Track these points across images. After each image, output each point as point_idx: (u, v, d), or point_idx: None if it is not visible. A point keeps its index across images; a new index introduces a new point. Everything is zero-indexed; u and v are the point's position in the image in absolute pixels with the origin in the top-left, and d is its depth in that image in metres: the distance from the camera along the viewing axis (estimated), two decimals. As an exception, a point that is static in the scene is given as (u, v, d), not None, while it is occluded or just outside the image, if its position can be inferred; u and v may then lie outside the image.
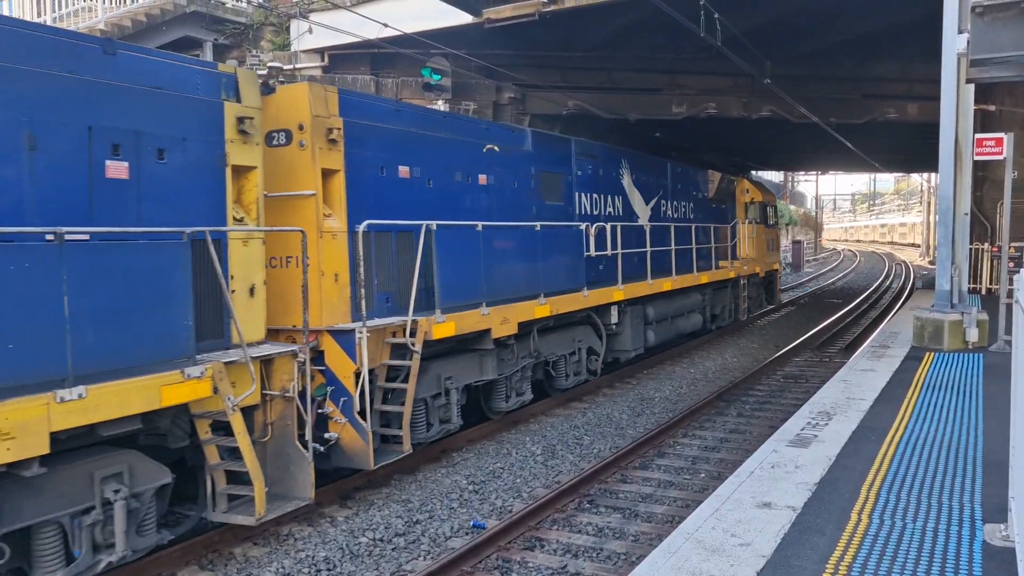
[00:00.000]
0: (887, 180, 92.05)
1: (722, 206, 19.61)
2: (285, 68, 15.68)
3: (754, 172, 37.76)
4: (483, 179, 10.11)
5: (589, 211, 12.75)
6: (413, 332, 8.08)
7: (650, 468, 8.88)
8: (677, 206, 16.53)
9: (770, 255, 23.15)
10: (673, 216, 16.21)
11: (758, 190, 22.46)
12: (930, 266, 41.11)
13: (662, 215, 15.62)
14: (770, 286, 23.30)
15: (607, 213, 13.32)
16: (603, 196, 13.24)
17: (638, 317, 13.80)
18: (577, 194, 12.41)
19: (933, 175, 47.93)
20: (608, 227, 12.52)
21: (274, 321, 7.42)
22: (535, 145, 11.41)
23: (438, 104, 14.99)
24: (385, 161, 8.49)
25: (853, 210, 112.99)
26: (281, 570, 6.28)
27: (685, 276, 15.66)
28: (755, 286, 21.46)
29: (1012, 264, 12.00)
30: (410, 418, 8.06)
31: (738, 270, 19.32)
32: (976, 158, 11.40)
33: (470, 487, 8.19)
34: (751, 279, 20.77)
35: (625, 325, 13.26)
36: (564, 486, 7.83)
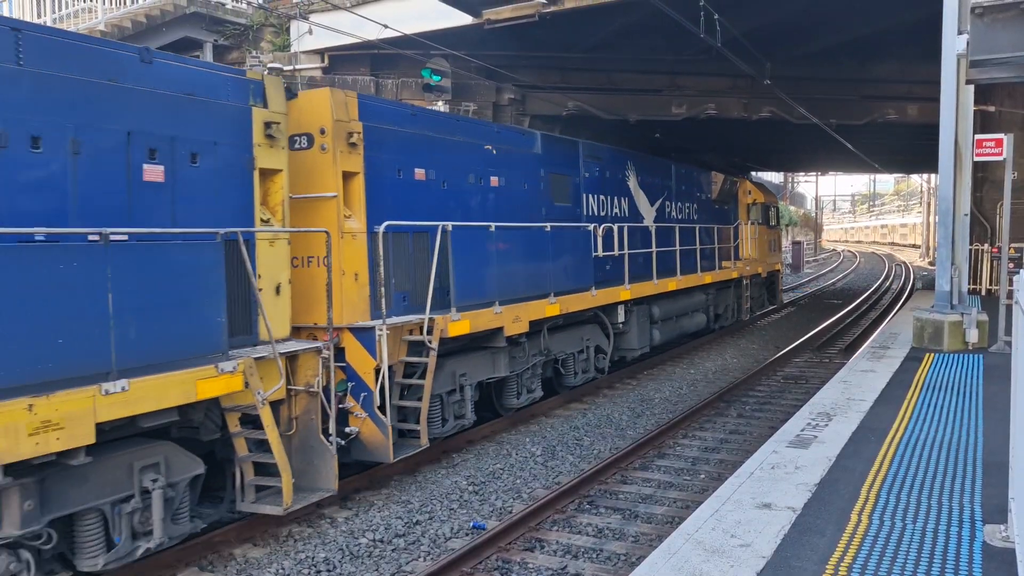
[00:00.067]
0: (887, 181, 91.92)
1: (725, 207, 19.83)
2: (285, 69, 15.81)
3: (754, 173, 37.89)
4: (495, 181, 10.37)
5: (596, 212, 13.00)
6: (430, 330, 8.32)
7: (650, 469, 8.84)
8: (681, 207, 16.77)
9: (772, 256, 23.40)
10: (677, 217, 16.45)
11: (760, 191, 22.70)
12: (930, 267, 41.05)
13: (667, 216, 15.86)
14: (772, 286, 23.54)
15: (613, 214, 13.58)
16: (609, 197, 13.49)
17: (644, 316, 14.04)
18: (585, 195, 12.67)
19: (933, 176, 47.99)
20: (615, 228, 12.78)
21: (295, 319, 7.64)
22: (544, 148, 11.66)
23: (438, 105, 15.00)
24: (402, 164, 8.75)
25: (853, 211, 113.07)
26: (281, 571, 6.26)
27: (689, 276, 15.90)
28: (757, 286, 21.70)
29: (1012, 265, 11.79)
30: (427, 413, 8.30)
31: (741, 270, 19.54)
32: (976, 159, 11.37)
33: (470, 488, 8.15)
34: (754, 279, 21.01)
35: (631, 324, 13.49)
36: (564, 487, 7.80)
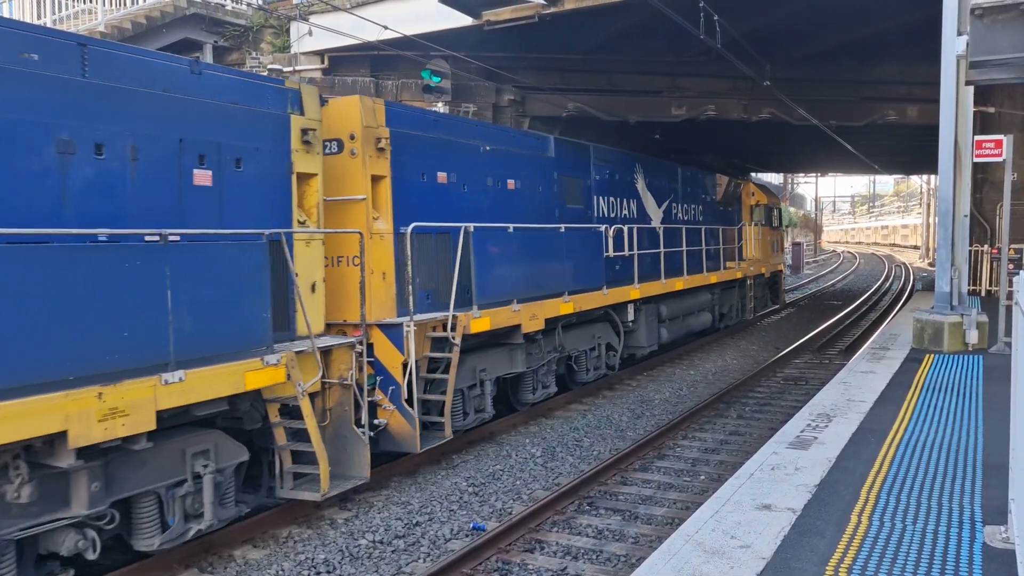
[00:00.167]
0: (887, 182, 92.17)
1: (729, 209, 20.20)
2: (285, 70, 16.02)
3: (753, 174, 38.20)
4: (511, 184, 10.75)
5: (606, 214, 13.38)
6: (453, 327, 8.69)
7: (650, 470, 8.82)
8: (687, 209, 17.15)
9: (775, 256, 23.78)
10: (683, 218, 16.84)
11: (763, 193, 23.07)
12: (929, 268, 41.30)
13: (673, 218, 16.25)
14: (775, 286, 23.94)
15: (623, 215, 13.96)
16: (619, 199, 13.88)
17: (652, 315, 14.42)
18: (595, 197, 13.06)
19: (933, 177, 48.43)
20: (625, 229, 13.16)
21: (326, 316, 7.99)
22: (557, 151, 12.05)
23: (438, 106, 15.13)
24: (426, 167, 9.13)
25: (853, 212, 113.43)
26: (281, 572, 6.27)
27: (695, 276, 16.28)
28: (761, 286, 22.09)
29: (1012, 266, 11.84)
30: (450, 406, 8.67)
31: (745, 271, 19.93)
32: (975, 160, 11.41)
33: (470, 489, 8.14)
34: (757, 279, 21.39)
35: (640, 322, 13.86)
36: (564, 488, 7.80)
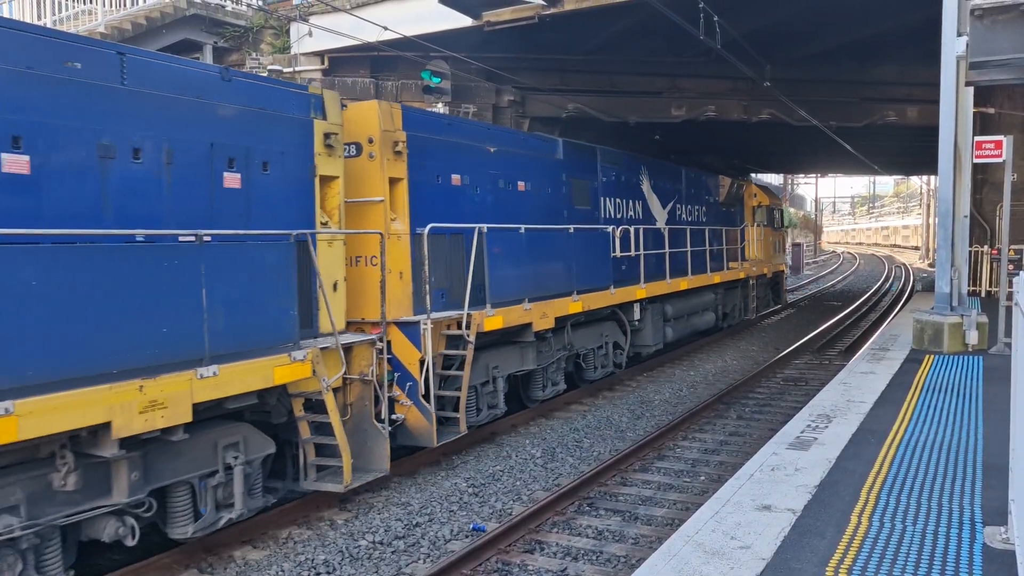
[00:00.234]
0: (887, 183, 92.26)
1: (732, 210, 20.47)
2: (285, 71, 16.18)
3: (753, 175, 38.41)
4: (521, 186, 11.01)
5: (613, 215, 13.64)
6: (468, 325, 8.94)
7: (650, 471, 8.83)
8: (691, 210, 17.42)
9: (776, 257, 24.05)
10: (687, 219, 17.11)
11: (765, 194, 23.35)
12: (929, 268, 41.45)
13: (677, 218, 16.51)
14: (776, 286, 24.19)
15: (628, 217, 14.22)
16: (625, 201, 14.14)
17: (658, 314, 14.68)
18: (602, 199, 13.32)
19: (932, 178, 48.57)
20: (631, 230, 13.42)
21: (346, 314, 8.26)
22: (565, 154, 12.31)
23: (438, 107, 15.21)
24: (440, 170, 9.39)
25: (853, 213, 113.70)
26: (280, 573, 6.29)
27: (699, 276, 16.55)
28: (763, 286, 22.35)
29: (1012, 267, 11.82)
30: (465, 402, 8.92)
31: (747, 271, 20.19)
32: (975, 161, 11.42)
33: (470, 490, 8.16)
34: (759, 279, 21.65)
35: (646, 322, 14.13)
36: (564, 489, 7.83)
